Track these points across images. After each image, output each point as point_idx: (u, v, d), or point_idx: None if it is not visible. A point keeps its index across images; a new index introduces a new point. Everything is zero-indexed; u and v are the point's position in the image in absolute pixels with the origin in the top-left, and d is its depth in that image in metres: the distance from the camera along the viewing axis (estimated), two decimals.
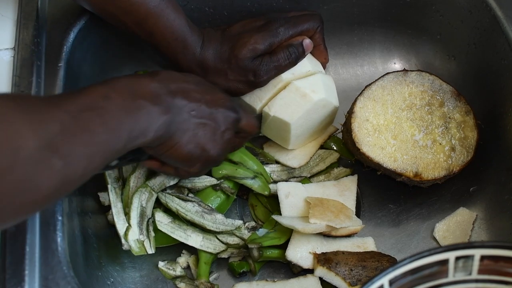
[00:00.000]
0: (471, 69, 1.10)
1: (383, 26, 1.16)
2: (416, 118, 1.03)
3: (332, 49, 1.18)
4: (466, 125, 1.03)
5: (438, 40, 1.14)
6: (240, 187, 1.05)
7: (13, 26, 0.98)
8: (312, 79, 1.01)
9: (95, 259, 0.96)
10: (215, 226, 0.98)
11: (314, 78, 1.01)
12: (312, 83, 1.01)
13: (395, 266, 0.70)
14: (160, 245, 1.00)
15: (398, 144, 1.01)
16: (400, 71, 1.06)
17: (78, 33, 1.01)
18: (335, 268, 0.94)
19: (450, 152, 1.01)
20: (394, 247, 1.03)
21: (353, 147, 1.02)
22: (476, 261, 0.72)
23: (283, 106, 1.00)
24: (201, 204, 0.99)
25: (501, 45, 1.02)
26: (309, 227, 0.95)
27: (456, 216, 1.04)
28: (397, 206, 1.07)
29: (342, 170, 1.07)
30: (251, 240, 0.98)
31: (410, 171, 1.00)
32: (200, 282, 0.97)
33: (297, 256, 0.96)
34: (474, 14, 1.07)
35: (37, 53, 0.95)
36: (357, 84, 1.16)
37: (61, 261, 0.81)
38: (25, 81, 0.92)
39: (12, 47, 0.96)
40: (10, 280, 0.77)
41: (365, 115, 1.02)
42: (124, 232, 0.96)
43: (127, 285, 0.99)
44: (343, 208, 0.99)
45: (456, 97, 1.05)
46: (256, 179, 1.03)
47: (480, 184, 1.05)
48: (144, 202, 0.97)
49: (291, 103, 1.00)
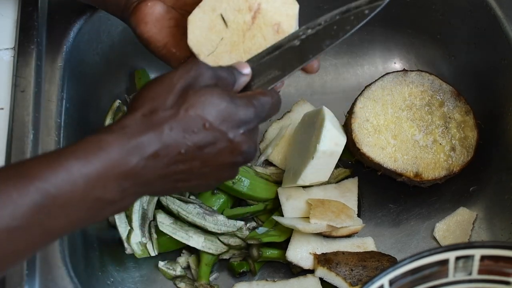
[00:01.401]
0: (471, 69, 1.10)
1: (383, 26, 1.16)
2: (416, 118, 1.03)
3: (332, 49, 1.17)
4: (466, 125, 1.03)
5: (438, 40, 1.14)
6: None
7: (13, 26, 0.98)
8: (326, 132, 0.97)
9: (95, 259, 0.96)
10: (216, 227, 0.98)
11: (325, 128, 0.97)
12: (332, 136, 0.97)
13: (395, 266, 0.70)
14: (164, 251, 1.00)
15: (398, 144, 1.01)
16: (400, 71, 1.06)
17: (78, 32, 1.01)
18: (336, 269, 0.94)
19: (450, 152, 1.01)
20: (394, 247, 1.03)
21: (353, 148, 1.02)
22: (476, 261, 0.72)
23: (315, 173, 0.99)
24: (202, 205, 0.99)
25: (501, 45, 1.02)
26: (309, 227, 0.95)
27: (456, 216, 1.04)
28: (397, 206, 1.07)
29: (342, 171, 1.07)
30: (251, 236, 0.98)
31: (411, 171, 1.00)
32: (200, 284, 0.97)
33: (297, 256, 0.96)
34: (474, 14, 1.07)
35: (37, 53, 0.95)
36: (357, 84, 1.16)
37: (61, 261, 0.81)
38: (25, 81, 0.92)
39: (12, 47, 0.96)
40: (10, 280, 0.77)
41: (365, 115, 1.02)
42: (126, 235, 0.96)
43: (127, 285, 0.99)
44: (344, 208, 0.99)
45: (456, 97, 1.05)
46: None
47: (480, 184, 1.05)
48: (145, 204, 0.97)
49: (322, 168, 0.99)
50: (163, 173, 0.65)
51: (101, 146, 0.62)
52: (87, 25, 1.02)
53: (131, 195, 0.64)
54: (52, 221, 0.59)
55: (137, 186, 0.64)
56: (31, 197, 0.58)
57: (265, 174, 1.05)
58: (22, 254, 0.61)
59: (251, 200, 1.03)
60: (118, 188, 0.62)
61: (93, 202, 0.61)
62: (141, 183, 0.64)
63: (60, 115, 0.94)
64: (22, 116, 0.89)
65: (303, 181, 0.99)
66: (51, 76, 0.95)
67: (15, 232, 0.58)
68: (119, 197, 0.63)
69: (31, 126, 0.89)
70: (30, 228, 0.58)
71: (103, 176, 0.61)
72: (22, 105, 0.90)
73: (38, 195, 0.58)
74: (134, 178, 0.63)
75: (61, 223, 0.60)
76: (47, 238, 0.61)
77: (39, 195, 0.58)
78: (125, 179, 0.62)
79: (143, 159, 0.63)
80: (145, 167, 0.63)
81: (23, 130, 0.89)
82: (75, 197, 0.60)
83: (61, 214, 0.60)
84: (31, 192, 0.58)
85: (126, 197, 0.64)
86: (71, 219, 0.61)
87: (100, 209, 0.63)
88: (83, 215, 0.62)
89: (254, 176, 1.03)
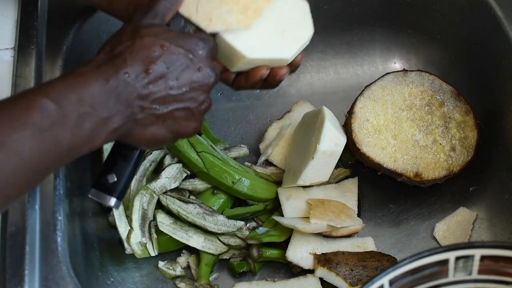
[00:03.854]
0: (471, 69, 1.10)
1: (383, 26, 1.16)
2: (416, 118, 1.03)
3: (332, 48, 1.18)
4: (466, 125, 1.03)
5: (438, 40, 1.14)
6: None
7: (13, 26, 0.98)
8: (326, 132, 0.97)
9: (95, 259, 0.96)
10: (216, 227, 0.98)
11: (325, 128, 0.97)
12: (332, 136, 0.98)
13: (395, 266, 0.70)
14: (164, 251, 1.00)
15: (398, 144, 1.01)
16: (400, 71, 1.06)
17: (78, 32, 1.01)
18: (336, 269, 0.94)
19: (450, 152, 1.01)
20: (394, 247, 1.03)
21: (353, 148, 1.02)
22: (476, 261, 0.72)
23: (315, 173, 0.99)
24: (202, 205, 0.99)
25: (501, 45, 1.02)
26: (309, 227, 0.95)
27: (456, 216, 1.04)
28: (397, 206, 1.07)
29: (342, 171, 1.07)
30: (251, 236, 0.98)
31: (411, 171, 1.00)
32: (200, 284, 0.97)
33: (297, 257, 0.96)
34: (474, 14, 1.07)
35: (37, 53, 0.95)
36: (357, 84, 1.16)
37: (61, 261, 0.81)
38: (25, 81, 0.92)
39: (12, 47, 0.96)
40: (10, 280, 0.77)
41: (365, 115, 1.02)
42: (126, 235, 0.96)
43: (127, 285, 0.99)
44: (344, 208, 0.99)
45: (456, 97, 1.05)
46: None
47: (480, 184, 1.05)
48: (145, 204, 0.97)
49: (322, 168, 0.99)
50: (139, 92, 0.71)
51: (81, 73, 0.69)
52: (87, 25, 1.02)
53: (117, 115, 0.70)
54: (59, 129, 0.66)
55: (120, 104, 0.70)
56: (39, 109, 0.65)
57: (265, 174, 1.05)
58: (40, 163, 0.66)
59: (251, 200, 1.03)
60: (104, 105, 0.69)
61: (86, 116, 0.68)
62: (122, 101, 0.70)
63: None
64: None
65: (303, 181, 0.99)
66: (51, 76, 0.95)
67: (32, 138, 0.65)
68: (106, 115, 0.69)
69: None
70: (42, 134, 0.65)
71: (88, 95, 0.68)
72: None
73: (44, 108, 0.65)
74: (114, 96, 0.69)
75: (65, 134, 0.67)
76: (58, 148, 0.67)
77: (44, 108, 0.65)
78: (107, 97, 0.69)
79: (117, 79, 0.69)
80: (120, 85, 0.70)
81: None
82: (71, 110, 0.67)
83: (63, 123, 0.66)
84: (38, 106, 0.65)
85: (113, 116, 0.70)
86: (72, 132, 0.67)
87: (94, 128, 0.68)
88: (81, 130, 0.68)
89: (254, 176, 1.03)
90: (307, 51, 1.16)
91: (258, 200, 1.02)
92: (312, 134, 1.00)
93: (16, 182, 0.65)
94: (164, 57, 0.72)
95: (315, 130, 0.99)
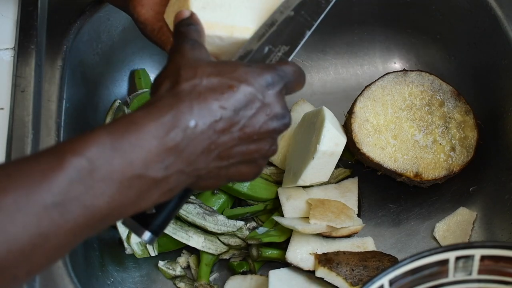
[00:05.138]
0: (471, 69, 1.10)
1: (383, 26, 1.16)
2: (416, 118, 1.03)
3: (332, 48, 1.18)
4: (466, 125, 1.03)
5: (438, 40, 1.14)
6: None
7: (13, 26, 0.98)
8: (326, 132, 0.97)
9: (95, 259, 0.96)
10: (216, 227, 0.98)
11: (325, 128, 0.97)
12: (332, 136, 0.98)
13: (395, 266, 0.70)
14: (164, 251, 1.00)
15: (398, 144, 1.01)
16: (400, 71, 1.06)
17: (78, 32, 1.01)
18: (336, 269, 0.94)
19: (450, 152, 1.01)
20: (394, 247, 1.03)
21: (353, 147, 1.02)
22: (476, 261, 0.72)
23: (315, 173, 0.99)
24: (202, 205, 0.99)
25: (501, 45, 1.02)
26: (309, 227, 0.95)
27: (456, 216, 1.04)
28: (397, 206, 1.07)
29: (342, 171, 1.07)
30: (251, 236, 0.98)
31: (411, 171, 1.00)
32: (200, 284, 0.97)
33: (297, 258, 0.96)
34: (474, 14, 1.07)
35: (37, 53, 0.95)
36: (357, 84, 1.16)
37: (61, 261, 0.81)
38: (25, 81, 0.92)
39: (12, 47, 0.96)
40: None
41: (365, 115, 1.02)
42: (126, 235, 0.96)
43: (127, 285, 0.99)
44: (344, 208, 0.99)
45: (456, 97, 1.05)
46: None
47: (480, 184, 1.05)
48: None
49: (322, 168, 0.99)
50: (206, 147, 0.60)
51: (133, 120, 0.57)
52: (87, 25, 1.02)
53: (175, 174, 0.59)
54: (90, 198, 0.55)
55: (180, 162, 0.59)
56: (65, 172, 0.54)
57: (265, 174, 1.05)
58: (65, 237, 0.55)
59: (251, 200, 1.03)
60: (161, 164, 0.58)
61: (134, 180, 0.57)
62: (184, 159, 0.59)
63: (60, 115, 0.94)
64: (22, 116, 0.90)
65: (303, 181, 0.99)
66: (51, 76, 0.95)
67: (53, 210, 0.54)
68: (162, 175, 0.58)
69: (31, 126, 0.89)
70: (67, 204, 0.54)
71: (141, 151, 0.57)
72: (22, 105, 0.90)
73: (72, 169, 0.55)
74: (175, 152, 0.58)
75: (101, 201, 0.56)
76: (89, 218, 0.56)
77: (73, 169, 0.55)
78: (167, 154, 0.58)
79: (181, 130, 0.58)
80: (185, 138, 0.58)
81: (23, 130, 0.89)
82: (113, 172, 0.56)
83: (98, 190, 0.55)
84: (65, 167, 0.54)
85: (170, 176, 0.59)
86: (111, 199, 0.56)
87: (143, 190, 0.58)
88: (124, 194, 0.57)
89: None
90: (307, 51, 1.17)
91: (258, 200, 1.02)
92: (312, 134, 1.00)
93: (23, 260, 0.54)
94: (234, 101, 0.61)
95: (315, 130, 0.99)
